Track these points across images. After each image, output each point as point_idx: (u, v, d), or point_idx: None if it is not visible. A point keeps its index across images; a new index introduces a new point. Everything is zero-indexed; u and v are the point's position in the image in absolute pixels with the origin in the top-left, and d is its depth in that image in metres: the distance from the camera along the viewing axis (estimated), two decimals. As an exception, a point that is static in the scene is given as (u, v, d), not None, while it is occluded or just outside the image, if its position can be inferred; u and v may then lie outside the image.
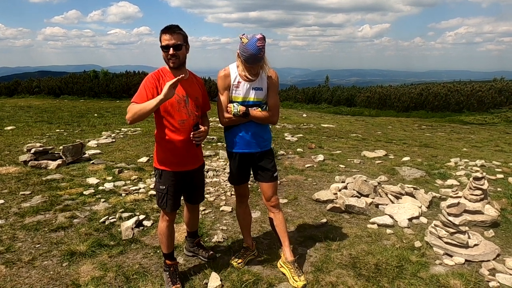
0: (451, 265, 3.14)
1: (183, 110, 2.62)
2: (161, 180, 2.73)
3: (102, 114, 14.40)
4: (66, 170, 5.81)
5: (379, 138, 9.53)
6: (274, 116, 2.84)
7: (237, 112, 2.75)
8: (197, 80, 2.85)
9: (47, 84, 24.00)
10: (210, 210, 4.33)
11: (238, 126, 2.85)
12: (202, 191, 3.07)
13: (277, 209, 3.02)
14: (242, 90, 2.78)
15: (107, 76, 24.48)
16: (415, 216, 4.05)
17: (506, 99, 19.96)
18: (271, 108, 2.81)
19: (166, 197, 2.72)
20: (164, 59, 2.58)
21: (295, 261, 2.97)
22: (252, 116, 2.77)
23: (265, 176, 2.94)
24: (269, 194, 2.98)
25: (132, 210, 4.23)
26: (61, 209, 4.24)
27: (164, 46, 2.51)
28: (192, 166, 2.80)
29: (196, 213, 3.21)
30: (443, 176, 5.65)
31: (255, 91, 2.77)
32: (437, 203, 4.56)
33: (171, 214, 2.82)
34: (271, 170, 2.93)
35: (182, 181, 2.79)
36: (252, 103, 2.79)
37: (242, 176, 3.00)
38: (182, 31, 2.56)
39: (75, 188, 4.96)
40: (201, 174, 2.98)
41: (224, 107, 2.82)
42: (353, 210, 4.21)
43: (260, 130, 2.86)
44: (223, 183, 5.28)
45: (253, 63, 2.61)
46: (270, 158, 2.95)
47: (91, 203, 4.48)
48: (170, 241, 2.85)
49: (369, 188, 4.70)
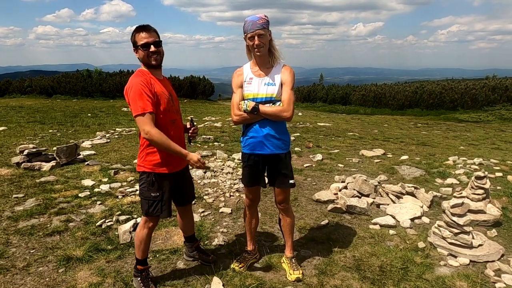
0: (456, 266, 3.10)
1: (172, 109, 2.58)
2: (153, 187, 2.58)
3: (96, 114, 14.22)
4: (60, 171, 5.68)
5: (376, 137, 9.51)
6: (287, 112, 2.63)
7: (246, 107, 2.67)
8: (168, 81, 2.79)
9: (39, 83, 23.69)
10: (209, 212, 4.24)
11: (252, 126, 2.75)
12: (192, 188, 3.02)
13: (287, 213, 2.97)
14: (253, 86, 2.70)
15: (101, 75, 24.23)
16: (417, 216, 4.00)
17: (500, 97, 20.09)
18: (283, 103, 2.66)
19: (161, 203, 2.61)
20: (143, 58, 2.48)
21: (294, 257, 3.03)
22: (262, 111, 2.65)
23: (279, 181, 2.84)
24: (280, 198, 2.91)
25: (129, 213, 4.14)
26: (56, 213, 4.13)
27: (143, 45, 2.44)
28: (183, 165, 2.74)
29: (190, 215, 3.12)
30: (443, 175, 5.62)
31: (267, 86, 2.68)
32: (438, 202, 4.52)
33: (156, 221, 2.74)
34: (286, 176, 2.81)
35: (176, 183, 2.71)
36: (264, 99, 2.69)
37: (253, 179, 2.88)
38: (154, 28, 2.52)
39: (70, 191, 4.85)
40: (188, 171, 2.97)
41: (236, 105, 2.75)
42: (354, 211, 4.15)
43: (276, 130, 2.73)
44: (221, 183, 5.20)
45: (253, 29, 2.53)
46: (286, 162, 2.82)
47: (87, 205, 4.37)
48: (147, 247, 2.77)
49: (370, 188, 4.65)
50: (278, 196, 2.91)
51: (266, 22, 2.58)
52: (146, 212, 2.64)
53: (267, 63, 2.72)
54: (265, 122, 2.71)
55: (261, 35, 2.55)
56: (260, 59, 2.70)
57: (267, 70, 2.71)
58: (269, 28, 2.62)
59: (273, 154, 2.77)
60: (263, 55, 2.65)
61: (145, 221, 2.70)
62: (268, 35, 2.61)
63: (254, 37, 2.56)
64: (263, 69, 2.72)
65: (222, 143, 8.17)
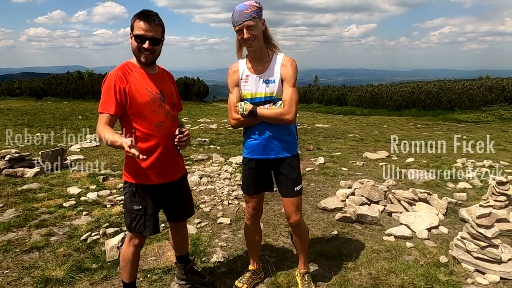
0: (485, 284, 2.77)
1: (159, 110, 2.17)
2: (135, 198, 2.22)
3: (87, 116, 13.76)
4: (44, 178, 5.27)
5: (378, 138, 9.21)
6: (288, 114, 2.26)
7: (243, 111, 2.31)
8: (168, 75, 2.40)
9: (29, 85, 23.12)
10: (206, 222, 3.87)
11: (254, 127, 2.40)
12: (189, 204, 2.59)
13: (298, 230, 2.59)
14: (251, 85, 2.35)
15: (92, 76, 23.73)
16: (434, 226, 3.67)
17: (497, 97, 19.95)
18: (284, 103, 2.29)
19: (144, 218, 2.23)
20: (134, 50, 2.12)
21: (307, 273, 2.69)
22: (260, 115, 2.29)
23: (285, 188, 2.48)
24: (288, 211, 2.53)
25: (118, 225, 3.75)
26: (37, 225, 3.73)
27: (138, 36, 2.06)
28: (173, 177, 2.32)
29: (184, 232, 2.71)
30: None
31: (266, 84, 2.31)
32: (453, 209, 4.19)
33: (143, 237, 2.36)
34: (291, 180, 2.44)
35: (163, 196, 2.32)
36: (263, 99, 2.33)
37: (255, 185, 2.53)
38: (161, 22, 2.12)
39: (53, 199, 4.45)
40: (185, 184, 2.52)
41: (233, 107, 2.39)
42: (365, 220, 3.81)
43: (280, 132, 2.37)
44: (218, 190, 4.83)
45: (241, 20, 2.17)
46: (292, 166, 2.44)
47: (72, 216, 3.97)
48: (135, 268, 2.40)
49: (379, 194, 4.31)
50: (286, 209, 2.54)
51: (257, 10, 2.20)
52: (129, 227, 2.29)
53: (264, 57, 2.34)
54: (266, 123, 2.35)
55: (251, 26, 2.18)
56: (254, 53, 2.33)
57: (264, 65, 2.34)
58: (262, 16, 2.24)
59: (278, 158, 2.42)
60: (257, 49, 2.28)
61: (130, 238, 2.33)
62: (261, 24, 2.24)
63: (243, 29, 2.19)
64: (260, 64, 2.34)
65: (218, 145, 7.79)
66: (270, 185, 2.58)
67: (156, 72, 2.26)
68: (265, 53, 2.34)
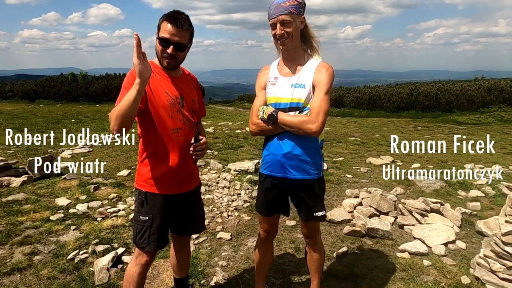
0: (515, 309, 2.50)
1: (177, 115, 1.98)
2: (142, 208, 2.02)
3: (80, 119, 13.41)
4: (32, 188, 4.95)
5: (379, 142, 8.97)
6: (312, 123, 1.94)
7: (263, 115, 2.05)
8: (191, 78, 2.19)
9: (21, 88, 22.68)
10: (204, 237, 3.58)
11: (273, 139, 2.12)
12: (201, 218, 2.37)
13: (314, 247, 2.34)
14: (278, 88, 2.07)
15: (86, 79, 23.33)
16: (451, 241, 3.40)
17: (495, 98, 19.81)
18: (311, 111, 1.99)
19: (149, 231, 2.01)
20: (157, 53, 1.94)
21: None
22: (280, 121, 2.00)
23: (304, 213, 2.20)
24: (305, 232, 2.29)
25: (108, 241, 3.45)
26: (20, 242, 3.42)
27: (163, 39, 1.89)
28: (187, 188, 2.13)
29: (188, 249, 2.47)
30: (465, 186, 5.06)
31: (294, 88, 2.03)
32: (468, 221, 3.94)
33: (151, 255, 2.10)
34: (313, 207, 2.16)
35: (173, 208, 2.09)
36: (288, 105, 2.04)
37: (270, 207, 2.24)
38: (191, 26, 1.93)
39: (40, 212, 4.14)
40: (198, 196, 2.31)
41: (255, 111, 2.14)
42: (376, 234, 3.54)
43: (301, 148, 2.06)
44: (217, 200, 4.54)
45: (276, 14, 1.92)
46: (314, 190, 2.15)
47: (59, 232, 3.67)
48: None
49: (389, 205, 4.05)
50: (304, 230, 2.29)
51: (297, 5, 1.94)
52: (134, 240, 2.09)
53: (299, 59, 2.08)
54: (287, 136, 2.06)
55: (286, 22, 1.93)
56: (288, 53, 2.07)
57: (297, 67, 2.07)
58: (303, 13, 1.98)
59: (296, 180, 2.12)
60: (291, 48, 2.03)
61: (137, 255, 2.09)
62: (300, 22, 1.98)
63: (276, 24, 1.94)
64: (292, 66, 2.08)
65: (215, 150, 7.50)
66: (286, 209, 2.29)
67: (179, 75, 2.09)
68: (300, 54, 2.08)
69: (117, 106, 1.77)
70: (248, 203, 4.43)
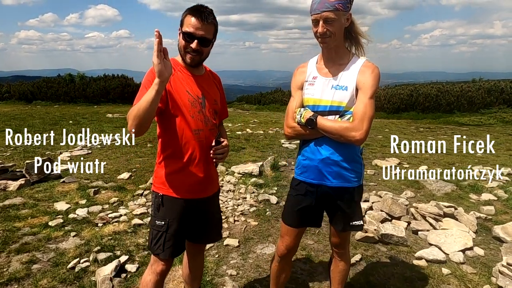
0: (544, 322, 2.37)
1: (198, 116, 1.87)
2: (158, 212, 1.90)
3: (78, 121, 13.22)
4: (29, 192, 4.78)
5: (383, 143, 8.82)
6: (356, 131, 1.78)
7: (300, 118, 1.90)
8: (214, 78, 2.06)
9: (18, 89, 22.41)
10: (211, 244, 3.42)
11: (309, 143, 1.97)
12: (219, 226, 2.25)
13: (341, 258, 2.19)
14: (316, 89, 1.92)
15: (84, 80, 23.12)
16: (468, 247, 3.27)
17: (496, 99, 19.74)
18: (354, 116, 1.82)
19: (165, 237, 1.88)
20: (180, 49, 1.83)
21: None
22: (320, 126, 1.85)
23: (337, 221, 2.06)
24: (336, 241, 2.15)
25: (110, 248, 3.29)
26: (18, 250, 3.25)
27: (187, 34, 1.78)
28: (206, 193, 2.01)
29: (202, 258, 2.36)
30: (476, 189, 4.93)
31: (335, 90, 1.87)
32: (484, 226, 3.81)
33: (167, 263, 1.95)
34: (349, 215, 2.01)
35: (190, 214, 1.97)
36: (328, 108, 1.89)
37: (300, 217, 2.07)
38: (215, 20, 1.81)
39: (38, 217, 3.97)
40: (216, 203, 2.19)
41: (291, 113, 1.99)
42: (390, 240, 3.39)
43: (340, 153, 1.90)
44: (222, 205, 4.38)
45: (320, 9, 1.75)
46: (353, 199, 2.00)
47: (58, 238, 3.51)
48: None
49: (401, 209, 3.91)
50: (333, 237, 2.15)
51: (344, 1, 1.75)
52: (148, 246, 1.98)
53: (341, 58, 1.91)
54: (325, 141, 1.91)
55: (330, 19, 1.75)
56: (328, 52, 1.91)
57: (339, 67, 1.90)
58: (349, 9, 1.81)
59: (333, 188, 1.96)
60: (333, 47, 1.87)
61: (152, 263, 1.96)
62: (345, 19, 1.81)
63: (319, 21, 1.77)
64: (333, 65, 1.91)
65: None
66: (317, 220, 2.14)
67: (201, 74, 1.98)
68: (343, 53, 1.92)
69: (135, 106, 1.67)
70: (255, 208, 4.28)
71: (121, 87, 21.07)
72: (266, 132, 10.01)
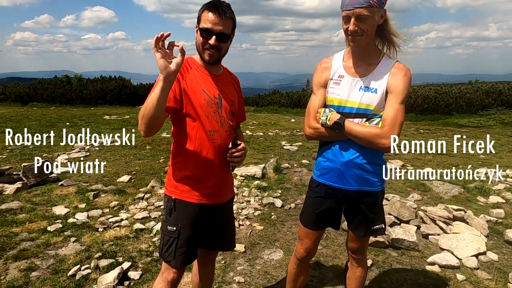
0: None
1: (213, 116, 1.78)
2: (170, 217, 1.82)
3: (75, 122, 13.06)
4: (27, 195, 4.65)
5: (385, 145, 8.77)
6: (386, 137, 1.68)
7: (326, 121, 1.79)
8: (232, 78, 1.98)
9: (13, 90, 22.18)
10: (216, 250, 3.31)
11: (331, 144, 1.87)
12: (232, 234, 2.13)
13: (359, 264, 2.09)
14: (342, 89, 1.81)
15: (81, 81, 22.93)
16: (481, 252, 3.18)
17: (494, 101, 19.78)
18: (384, 122, 1.72)
19: (176, 243, 1.79)
20: (198, 46, 1.75)
21: None
22: (348, 130, 1.75)
23: (357, 225, 1.96)
24: (354, 246, 2.05)
25: (112, 255, 3.17)
26: (15, 256, 3.13)
27: (205, 30, 1.71)
28: (221, 198, 1.92)
29: (212, 267, 2.26)
30: (483, 191, 4.85)
31: (364, 92, 1.77)
32: (494, 229, 3.72)
33: (179, 271, 1.86)
34: (370, 219, 1.92)
35: (204, 220, 1.87)
36: (354, 111, 1.79)
37: (319, 219, 1.98)
38: (233, 14, 1.73)
39: (36, 222, 3.84)
40: (230, 210, 2.10)
41: (313, 112, 1.88)
42: (401, 245, 3.30)
43: (365, 157, 1.81)
44: (226, 208, 4.27)
45: (352, 5, 1.62)
46: (373, 203, 1.91)
47: (57, 244, 3.39)
48: None
49: (410, 212, 3.82)
50: (352, 242, 2.05)
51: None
52: (159, 252, 1.89)
53: (371, 57, 1.80)
54: (350, 144, 1.81)
55: (363, 17, 1.63)
56: (359, 50, 1.79)
57: (368, 67, 1.79)
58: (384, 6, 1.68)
59: (356, 192, 1.87)
60: (364, 46, 1.76)
61: (163, 270, 1.87)
62: (379, 17, 1.68)
63: (350, 18, 1.65)
64: (362, 64, 1.80)
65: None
66: (338, 221, 2.05)
67: (219, 73, 1.91)
68: (373, 52, 1.81)
69: (143, 105, 1.58)
70: (259, 211, 4.17)
71: (118, 88, 20.87)
72: (266, 134, 9.92)
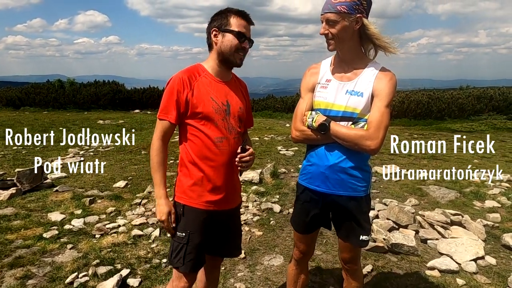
0: None
1: (221, 124, 1.80)
2: (181, 223, 1.85)
3: (69, 127, 12.94)
4: (21, 201, 4.58)
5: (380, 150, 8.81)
6: (371, 140, 1.70)
7: (312, 123, 1.80)
8: (240, 85, 1.99)
9: (5, 94, 21.95)
10: (216, 256, 3.29)
11: (316, 148, 1.88)
12: (239, 240, 2.14)
13: (352, 275, 2.07)
14: (329, 92, 1.83)
15: (74, 86, 22.78)
16: (480, 256, 3.20)
17: (485, 106, 20.07)
18: (370, 125, 1.74)
19: (185, 249, 1.80)
20: (229, 49, 1.77)
21: None
22: (333, 132, 1.76)
23: (345, 233, 1.95)
24: (345, 256, 2.03)
25: (110, 262, 3.13)
26: (10, 264, 3.07)
27: (240, 34, 1.77)
28: (229, 204, 1.93)
29: (217, 274, 2.25)
30: (479, 196, 4.89)
31: (350, 95, 1.78)
32: (491, 233, 3.75)
33: (189, 279, 1.87)
34: (356, 228, 1.91)
35: (212, 226, 1.88)
36: (341, 114, 1.80)
37: (308, 223, 2.00)
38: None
39: (32, 229, 3.79)
40: (238, 216, 2.12)
41: (299, 115, 1.90)
42: (400, 250, 3.31)
43: (350, 160, 1.80)
44: (224, 214, 4.25)
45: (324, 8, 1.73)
46: (359, 210, 1.89)
47: (54, 251, 3.34)
48: None
49: (408, 217, 3.84)
50: (343, 253, 2.03)
51: (350, 3, 1.67)
52: (169, 258, 1.92)
53: (357, 61, 1.83)
54: (335, 147, 1.81)
55: (331, 22, 1.71)
56: (343, 55, 1.84)
57: (354, 71, 1.82)
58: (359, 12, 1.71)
59: (339, 196, 1.87)
60: (347, 51, 1.81)
61: (174, 279, 1.89)
62: (353, 22, 1.71)
63: (323, 22, 1.74)
64: (348, 69, 1.83)
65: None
66: (328, 222, 2.05)
67: (228, 80, 1.92)
68: (358, 57, 1.84)
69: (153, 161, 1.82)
70: (258, 217, 4.16)
71: (112, 93, 20.77)
72: (261, 138, 9.92)
